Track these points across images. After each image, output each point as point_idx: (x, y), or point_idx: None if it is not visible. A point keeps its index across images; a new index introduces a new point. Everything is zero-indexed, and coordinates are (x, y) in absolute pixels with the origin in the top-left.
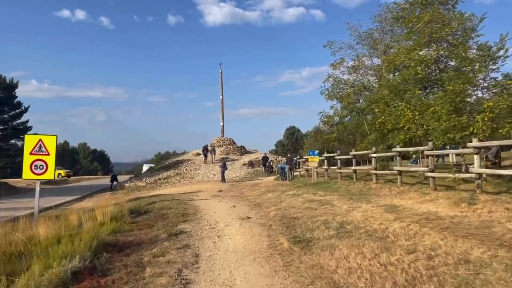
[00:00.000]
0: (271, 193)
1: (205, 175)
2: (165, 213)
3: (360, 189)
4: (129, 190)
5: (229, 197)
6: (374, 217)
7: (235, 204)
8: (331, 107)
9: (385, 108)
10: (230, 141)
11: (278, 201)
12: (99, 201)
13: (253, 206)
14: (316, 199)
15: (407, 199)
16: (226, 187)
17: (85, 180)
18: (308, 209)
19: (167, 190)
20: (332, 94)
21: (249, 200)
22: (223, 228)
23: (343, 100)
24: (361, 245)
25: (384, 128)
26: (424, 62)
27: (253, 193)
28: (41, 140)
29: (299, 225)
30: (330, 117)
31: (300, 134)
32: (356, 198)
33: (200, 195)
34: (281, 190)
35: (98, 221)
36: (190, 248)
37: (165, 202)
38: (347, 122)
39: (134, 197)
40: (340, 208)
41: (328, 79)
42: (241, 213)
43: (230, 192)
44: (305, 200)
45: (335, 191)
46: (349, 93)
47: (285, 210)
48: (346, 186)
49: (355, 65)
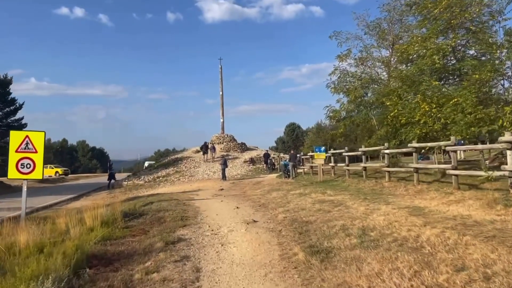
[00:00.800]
0: (275, 192)
1: (205, 173)
2: (162, 216)
3: (372, 188)
4: (127, 189)
5: (231, 197)
6: (399, 221)
7: (238, 204)
8: (337, 101)
9: (398, 101)
10: (231, 138)
11: (284, 201)
12: (95, 200)
13: (258, 207)
14: (327, 200)
15: (428, 199)
16: (227, 185)
17: (83, 178)
18: (320, 212)
19: (166, 189)
20: (339, 87)
21: (253, 200)
22: (227, 234)
23: (350, 93)
24: (394, 259)
25: (396, 123)
26: (441, 51)
27: (256, 192)
28: (28, 137)
29: (313, 230)
30: (337, 111)
31: (301, 130)
32: (371, 199)
33: (200, 194)
34: (286, 189)
35: (87, 226)
36: (190, 260)
37: (163, 202)
38: (354, 116)
39: (131, 196)
40: (356, 210)
41: (334, 71)
42: (246, 216)
43: (231, 191)
44: (315, 201)
45: (344, 190)
46: (357, 86)
47: (295, 213)
48: (356, 185)
49: (362, 56)
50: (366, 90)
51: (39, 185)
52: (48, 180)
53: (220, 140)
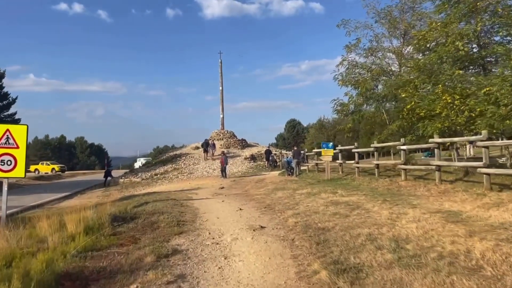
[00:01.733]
0: (280, 191)
1: (205, 170)
2: (157, 220)
3: (387, 187)
4: (123, 187)
5: (232, 196)
6: (436, 230)
7: (241, 205)
8: (346, 93)
9: (415, 93)
10: (231, 134)
11: (292, 202)
12: (90, 198)
13: (263, 208)
14: (341, 201)
15: (459, 202)
16: (228, 183)
17: (80, 175)
18: (337, 216)
19: (163, 187)
20: (347, 79)
21: (257, 201)
22: (231, 243)
23: (360, 86)
24: (449, 284)
25: (412, 116)
26: (465, 36)
27: (259, 191)
28: (8, 131)
29: (333, 240)
30: (345, 105)
31: (301, 127)
32: (392, 200)
33: (199, 193)
34: (291, 187)
35: (69, 232)
36: (186, 280)
37: (159, 203)
38: (363, 110)
39: (126, 195)
40: (379, 214)
41: (342, 62)
42: (251, 219)
43: (233, 190)
44: (327, 202)
45: (357, 189)
46: (367, 78)
47: (307, 217)
48: (368, 184)
49: (372, 47)
50: (376, 83)
51: (34, 182)
52: (43, 177)
53: (220, 136)
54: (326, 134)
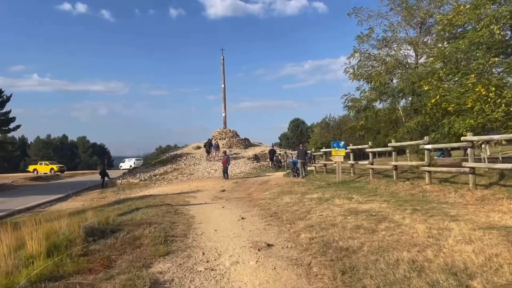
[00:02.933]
0: (287, 195)
1: (206, 171)
2: (141, 234)
3: (409, 192)
4: (120, 188)
5: (234, 201)
6: (500, 255)
7: (244, 213)
8: (357, 88)
9: (440, 85)
10: (233, 133)
11: (303, 210)
12: (83, 201)
13: (269, 217)
14: (360, 210)
15: (508, 213)
16: (230, 185)
17: (79, 175)
18: (360, 231)
19: (161, 189)
20: (359, 72)
21: (261, 207)
22: (229, 269)
23: (373, 80)
24: None
25: (437, 111)
26: (503, 19)
27: (264, 195)
28: None
29: (363, 268)
30: (357, 100)
31: (305, 126)
32: (422, 210)
33: (198, 197)
34: (299, 191)
35: (28, 252)
36: None
37: (151, 209)
38: (376, 106)
39: (121, 198)
40: (413, 229)
41: (353, 54)
42: (255, 233)
43: (234, 193)
44: (345, 211)
45: (375, 194)
46: (381, 71)
47: (323, 231)
48: (386, 188)
49: (386, 37)
50: (391, 76)
51: (31, 183)
52: (41, 178)
53: (222, 135)
54: (332, 133)
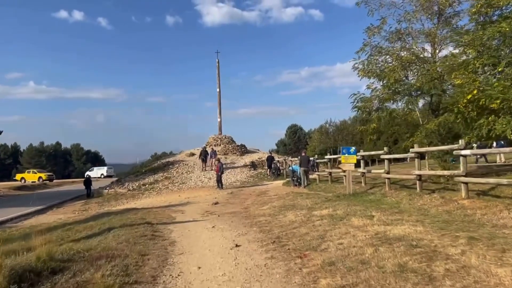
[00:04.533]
0: (291, 211)
1: (199, 180)
2: (90, 278)
3: (443, 209)
4: (105, 199)
5: (227, 217)
6: None
7: (239, 235)
8: (368, 86)
9: (475, 78)
10: (229, 140)
11: (314, 233)
12: (64, 214)
13: (271, 244)
14: (391, 236)
15: None
16: (224, 196)
17: (68, 183)
18: (408, 275)
19: (149, 200)
20: (369, 69)
21: (261, 227)
22: None
23: (387, 76)
24: None
25: (472, 110)
26: None
27: (263, 210)
28: None
29: None
30: (367, 100)
31: (303, 132)
32: (481, 238)
33: (186, 211)
34: (304, 205)
35: None
36: None
37: (124, 231)
38: (389, 107)
39: (102, 211)
40: (493, 277)
41: (363, 48)
42: (253, 275)
43: (229, 206)
44: (371, 237)
45: (399, 211)
46: (395, 67)
47: (352, 274)
48: (410, 202)
49: (400, 29)
50: (406, 72)
51: (14, 193)
52: (26, 187)
53: (217, 141)
54: (333, 138)
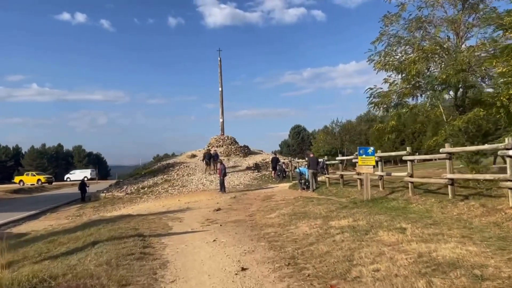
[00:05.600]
0: (303, 221)
1: (200, 182)
2: None
3: (487, 220)
4: (101, 203)
5: (231, 227)
6: None
7: (244, 254)
8: (385, 80)
9: None
10: (232, 140)
11: (337, 252)
12: (57, 220)
13: (285, 268)
14: (441, 259)
15: None
16: (227, 201)
17: (67, 186)
18: None
19: (146, 205)
20: (386, 61)
21: (270, 241)
22: None
23: (407, 69)
24: None
25: None
26: None
27: (271, 219)
28: None
29: None
30: (385, 95)
31: (307, 133)
32: None
33: (185, 219)
34: (317, 212)
35: None
36: None
37: (109, 247)
38: (409, 103)
39: (94, 218)
40: None
41: (379, 38)
42: None
43: (232, 214)
44: (416, 262)
45: (434, 223)
46: (416, 59)
47: None
48: (442, 210)
49: (421, 16)
50: (428, 64)
51: (10, 196)
52: (23, 190)
53: (219, 143)
54: (340, 138)
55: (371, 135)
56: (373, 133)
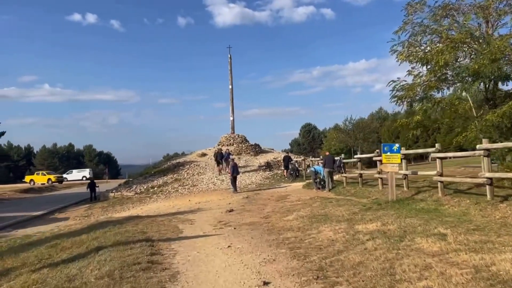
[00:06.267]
0: (325, 224)
1: (211, 182)
2: None
3: None
4: (110, 203)
5: (245, 230)
6: None
7: (264, 264)
8: (409, 72)
9: None
10: (242, 139)
11: (374, 265)
12: (65, 220)
13: (315, 282)
14: (506, 275)
15: None
16: (239, 202)
17: (77, 185)
18: None
19: (156, 205)
20: (411, 52)
21: (291, 247)
22: None
23: (434, 59)
24: None
25: None
26: None
27: (288, 221)
28: None
29: None
30: (410, 88)
31: (317, 131)
32: None
33: (196, 222)
34: (339, 214)
35: None
36: None
37: (114, 254)
38: (435, 96)
39: (102, 219)
40: None
41: (403, 27)
42: None
43: (245, 215)
44: (474, 277)
45: (477, 228)
46: (444, 48)
47: None
48: (481, 213)
49: (448, 3)
50: (457, 54)
51: (20, 196)
52: (33, 190)
53: (230, 141)
54: (353, 136)
55: (383, 133)
56: (385, 131)
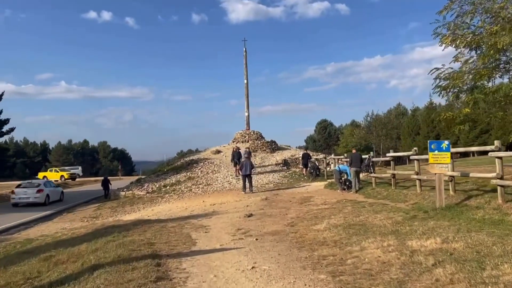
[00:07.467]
0: (367, 237)
1: (226, 181)
2: None
3: None
4: (120, 203)
5: (270, 244)
6: None
7: None
8: (456, 58)
9: None
10: (258, 135)
11: None
12: (72, 221)
13: None
14: None
15: None
16: (258, 204)
17: (90, 182)
18: None
19: (168, 206)
20: (457, 35)
21: (332, 271)
22: None
23: (491, 41)
24: None
25: None
26: None
27: (319, 232)
28: None
29: None
30: (457, 77)
31: (333, 128)
32: None
33: (211, 228)
34: (380, 225)
35: None
36: None
37: (111, 277)
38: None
39: (109, 222)
40: None
41: (449, 6)
42: None
43: (267, 221)
44: None
45: None
46: (499, 29)
47: None
48: None
49: None
50: None
51: None
52: None
53: (245, 138)
54: (376, 133)
55: (403, 129)
56: (404, 128)
